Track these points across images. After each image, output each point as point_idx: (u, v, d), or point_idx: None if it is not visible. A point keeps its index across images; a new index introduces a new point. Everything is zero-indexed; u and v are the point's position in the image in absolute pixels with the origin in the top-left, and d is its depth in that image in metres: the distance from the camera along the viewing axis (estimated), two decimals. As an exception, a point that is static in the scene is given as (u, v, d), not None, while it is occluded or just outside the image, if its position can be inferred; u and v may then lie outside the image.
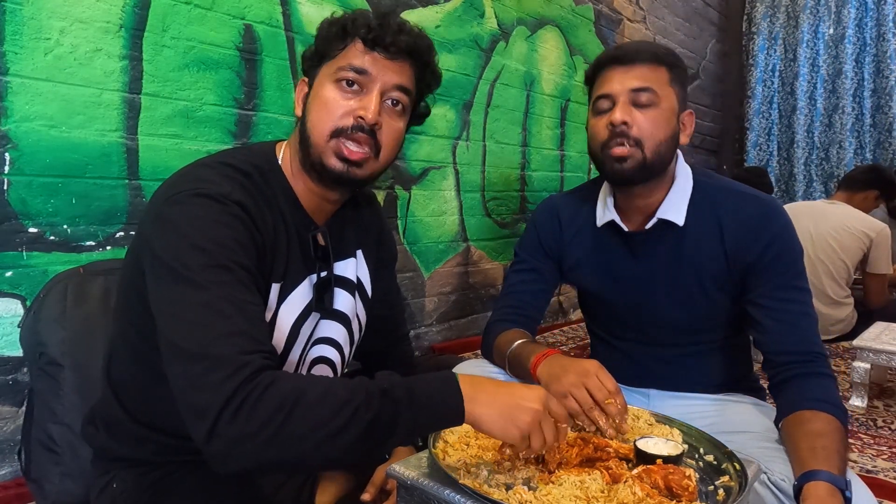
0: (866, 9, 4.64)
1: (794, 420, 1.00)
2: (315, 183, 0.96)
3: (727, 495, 0.79)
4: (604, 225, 1.23)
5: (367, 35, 0.90)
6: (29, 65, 1.41)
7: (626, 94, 1.08)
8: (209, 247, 0.79)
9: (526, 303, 1.31)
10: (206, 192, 0.83)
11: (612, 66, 1.11)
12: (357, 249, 1.10)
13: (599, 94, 1.12)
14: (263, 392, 0.70)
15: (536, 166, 3.21)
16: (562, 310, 3.48)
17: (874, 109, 4.63)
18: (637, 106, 1.08)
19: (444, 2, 2.54)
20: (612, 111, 1.09)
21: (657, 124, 1.09)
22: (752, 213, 1.13)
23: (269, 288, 0.92)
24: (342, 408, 0.72)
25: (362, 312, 1.11)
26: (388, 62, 0.91)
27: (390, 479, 0.92)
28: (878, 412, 2.18)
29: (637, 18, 3.95)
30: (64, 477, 1.14)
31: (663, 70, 1.10)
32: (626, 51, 1.12)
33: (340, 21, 0.93)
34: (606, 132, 1.10)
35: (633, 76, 1.09)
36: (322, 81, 0.93)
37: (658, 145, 1.09)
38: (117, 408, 0.98)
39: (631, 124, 1.08)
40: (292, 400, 0.71)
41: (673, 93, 1.11)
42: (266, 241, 0.89)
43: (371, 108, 0.89)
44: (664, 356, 1.26)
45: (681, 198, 1.16)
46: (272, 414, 0.69)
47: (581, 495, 0.76)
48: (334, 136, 0.90)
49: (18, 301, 1.42)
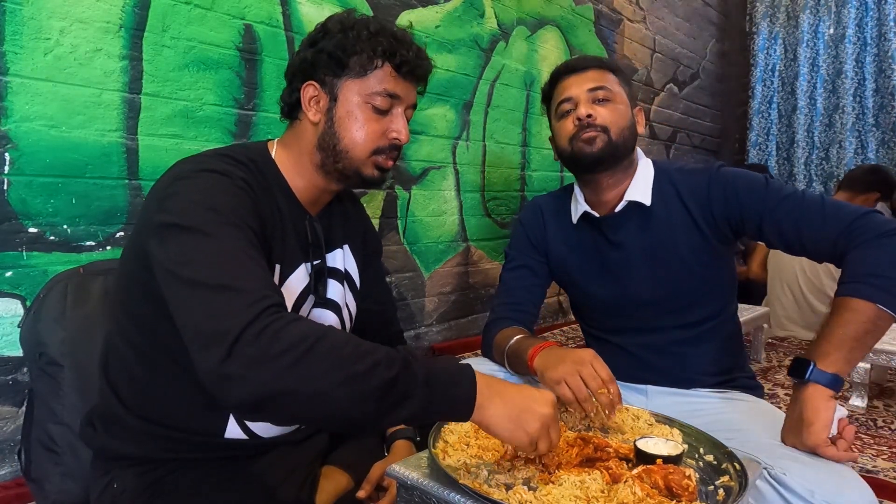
0: (866, 8, 4.63)
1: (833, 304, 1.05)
2: (324, 179, 1.02)
3: (727, 495, 0.79)
4: (579, 220, 1.31)
5: (402, 66, 0.99)
6: (29, 65, 1.41)
7: (585, 94, 1.23)
8: (220, 208, 0.81)
9: (522, 299, 1.35)
10: (212, 168, 0.87)
11: (567, 76, 1.27)
12: (344, 243, 1.15)
13: (561, 100, 1.26)
14: (289, 322, 0.71)
15: (536, 166, 3.21)
16: (562, 310, 3.48)
17: (877, 109, 4.62)
18: (596, 102, 1.23)
19: (444, 2, 2.53)
20: (576, 109, 1.23)
21: (618, 113, 1.23)
22: (702, 180, 1.23)
23: (274, 267, 0.95)
24: (365, 356, 0.72)
25: (352, 302, 1.15)
26: (412, 86, 1.03)
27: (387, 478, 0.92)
28: (878, 412, 2.18)
29: (637, 18, 3.95)
30: (64, 477, 1.14)
31: (611, 74, 1.26)
32: (576, 62, 1.28)
33: (364, 38, 0.97)
34: (573, 126, 1.23)
35: (588, 79, 1.24)
36: (351, 99, 0.98)
37: (622, 130, 1.22)
38: (116, 403, 0.98)
39: (595, 116, 1.21)
40: (318, 334, 0.71)
41: (623, 91, 1.26)
42: (265, 221, 0.92)
43: (405, 132, 1.01)
44: (657, 344, 1.28)
45: (644, 181, 1.26)
46: (297, 341, 0.69)
47: (581, 495, 0.76)
48: (374, 154, 1.00)
49: (18, 301, 1.42)
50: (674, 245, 1.23)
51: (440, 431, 0.92)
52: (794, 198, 1.14)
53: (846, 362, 0.99)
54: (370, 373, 0.71)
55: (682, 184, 1.25)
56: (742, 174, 1.21)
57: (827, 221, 1.09)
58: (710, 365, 1.28)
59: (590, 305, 1.38)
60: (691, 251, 1.23)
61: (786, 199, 1.14)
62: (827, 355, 0.99)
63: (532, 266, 1.37)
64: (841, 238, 1.07)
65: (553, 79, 1.30)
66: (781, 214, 1.13)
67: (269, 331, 0.69)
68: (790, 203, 1.13)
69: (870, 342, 1.01)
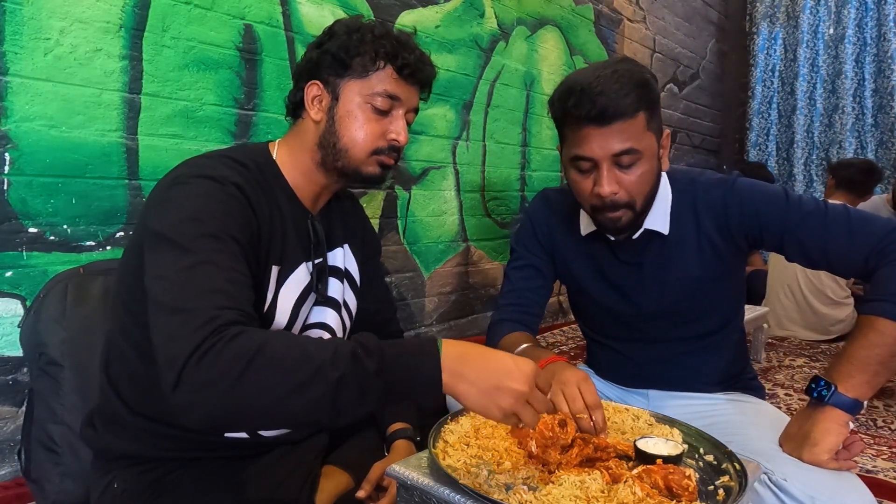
0: (866, 9, 4.63)
1: (856, 323, 1.03)
2: (325, 177, 1.04)
3: (727, 495, 0.79)
4: (590, 233, 1.24)
5: (403, 68, 1.00)
6: (29, 65, 1.41)
7: (609, 159, 1.04)
8: (203, 218, 0.83)
9: (529, 300, 1.31)
10: (207, 174, 0.89)
11: (587, 126, 1.03)
12: (344, 242, 1.16)
13: (578, 155, 1.07)
14: (229, 341, 0.71)
15: (536, 166, 3.21)
16: (562, 310, 3.48)
17: (876, 109, 4.62)
18: (620, 167, 1.05)
19: (444, 2, 2.54)
20: (598, 180, 1.06)
21: (643, 180, 1.07)
22: (718, 194, 1.15)
23: (270, 270, 0.96)
24: (306, 362, 0.71)
25: (352, 300, 1.16)
26: (413, 89, 1.05)
27: (387, 478, 0.92)
28: (878, 412, 2.18)
29: (637, 18, 3.95)
30: (64, 477, 1.14)
31: (641, 116, 1.04)
32: (600, 107, 1.01)
33: (368, 40, 0.99)
34: (594, 199, 1.08)
35: (613, 138, 1.03)
36: (352, 99, 1.01)
37: (646, 196, 1.11)
38: (116, 402, 0.98)
39: (619, 192, 1.06)
40: (255, 349, 0.70)
41: (652, 136, 1.07)
42: (262, 224, 0.94)
43: (404, 134, 1.03)
44: (661, 353, 1.26)
45: (663, 209, 1.17)
46: (233, 362, 0.69)
47: (581, 495, 0.76)
48: (374, 154, 1.02)
49: (18, 301, 1.42)
50: (687, 263, 1.18)
51: (440, 431, 0.92)
52: (817, 213, 1.08)
53: (869, 387, 0.97)
54: (315, 378, 0.70)
55: (699, 201, 1.17)
56: (760, 187, 1.15)
57: (855, 238, 1.05)
58: (714, 374, 1.26)
59: (593, 312, 1.35)
60: (704, 268, 1.18)
61: (809, 214, 1.08)
62: (850, 378, 0.96)
63: (539, 266, 1.33)
64: (872, 255, 1.02)
65: (569, 117, 1.06)
66: (804, 231, 1.08)
67: (210, 354, 0.70)
68: (814, 219, 1.08)
69: (894, 365, 0.97)
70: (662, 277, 1.20)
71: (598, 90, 1.01)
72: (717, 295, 1.22)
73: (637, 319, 1.25)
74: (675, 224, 1.17)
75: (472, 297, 2.86)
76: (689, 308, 1.22)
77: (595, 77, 1.03)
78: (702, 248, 1.17)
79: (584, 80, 1.04)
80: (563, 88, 1.07)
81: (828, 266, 1.11)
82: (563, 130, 1.11)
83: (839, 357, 1.00)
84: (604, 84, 1.01)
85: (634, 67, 1.07)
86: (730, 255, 1.18)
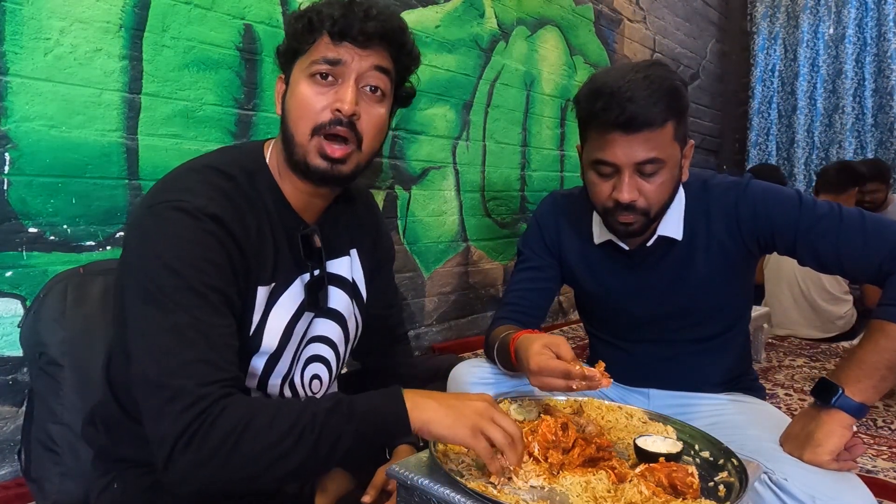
0: (866, 9, 4.63)
1: (867, 326, 1.01)
2: (302, 181, 0.95)
3: (728, 491, 0.79)
4: (602, 242, 1.23)
5: (333, 28, 0.88)
6: (29, 65, 1.41)
7: (632, 166, 1.03)
8: (181, 268, 0.81)
9: (529, 301, 1.30)
10: (183, 207, 0.83)
11: (614, 132, 1.02)
12: (351, 248, 1.11)
13: (601, 160, 1.05)
14: (214, 421, 0.75)
15: (536, 166, 3.21)
16: (562, 310, 3.48)
17: (876, 109, 4.63)
18: (642, 175, 1.05)
19: (444, 2, 2.54)
20: (618, 186, 1.05)
21: (663, 189, 1.07)
22: (730, 198, 1.14)
23: (255, 291, 0.92)
24: (289, 431, 0.76)
25: (358, 311, 1.11)
26: (360, 51, 0.90)
27: (391, 480, 0.92)
28: (878, 412, 2.18)
29: (637, 18, 3.95)
30: (64, 477, 1.14)
31: (669, 126, 1.03)
32: (629, 114, 0.99)
33: (306, 14, 0.92)
34: (611, 202, 1.08)
35: (639, 146, 1.01)
36: (297, 78, 0.92)
37: (663, 205, 1.10)
38: (116, 408, 0.98)
39: (638, 199, 1.05)
40: (241, 428, 0.75)
41: (677, 146, 1.07)
42: (247, 247, 0.89)
43: (347, 100, 0.88)
44: (666, 353, 1.26)
45: (677, 215, 1.16)
46: (221, 442, 0.74)
47: (587, 496, 0.76)
48: (315, 133, 0.90)
49: (18, 301, 1.42)
50: (697, 267, 1.17)
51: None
52: (831, 217, 1.06)
53: (875, 391, 0.96)
54: (297, 445, 0.76)
55: (712, 205, 1.16)
56: (773, 190, 1.13)
57: (869, 242, 1.03)
58: (718, 375, 1.26)
59: (600, 314, 1.34)
60: (714, 271, 1.17)
61: (822, 218, 1.07)
62: (857, 381, 0.96)
63: (544, 268, 1.31)
64: (887, 260, 1.01)
65: (596, 120, 1.04)
66: (818, 235, 1.06)
67: (197, 437, 0.73)
68: (827, 223, 1.06)
69: None
70: (674, 281, 1.19)
71: (628, 96, 0.99)
72: (726, 297, 1.21)
73: (645, 321, 1.25)
74: (688, 229, 1.16)
75: (472, 297, 2.86)
76: (699, 310, 1.21)
77: (626, 81, 1.00)
78: (712, 251, 1.16)
79: (614, 83, 1.01)
80: (592, 89, 1.04)
81: (841, 271, 1.09)
82: (587, 131, 1.09)
83: (847, 360, 1.00)
84: (634, 90, 0.99)
85: (666, 73, 1.04)
86: (740, 259, 1.17)
